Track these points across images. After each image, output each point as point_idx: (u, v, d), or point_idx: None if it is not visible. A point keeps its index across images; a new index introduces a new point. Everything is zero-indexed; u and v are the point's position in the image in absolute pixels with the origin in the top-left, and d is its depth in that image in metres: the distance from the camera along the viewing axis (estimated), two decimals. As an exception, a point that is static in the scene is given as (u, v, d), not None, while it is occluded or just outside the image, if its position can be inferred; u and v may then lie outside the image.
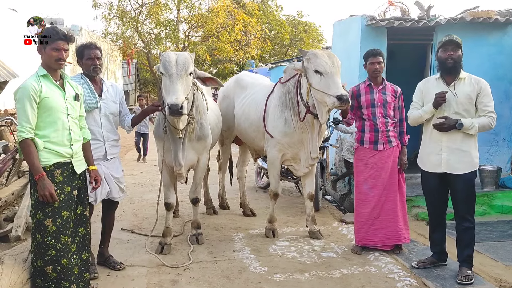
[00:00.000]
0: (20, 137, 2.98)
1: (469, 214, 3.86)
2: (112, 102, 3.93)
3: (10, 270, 3.14)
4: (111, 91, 3.96)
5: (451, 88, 3.83)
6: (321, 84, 4.10)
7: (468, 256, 3.86)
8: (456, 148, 3.80)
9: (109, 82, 4.05)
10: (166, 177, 4.47)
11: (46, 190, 2.96)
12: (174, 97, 3.69)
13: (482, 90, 3.78)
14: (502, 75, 6.60)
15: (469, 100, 3.78)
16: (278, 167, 4.90)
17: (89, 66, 3.76)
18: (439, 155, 3.87)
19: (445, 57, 3.80)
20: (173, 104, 3.65)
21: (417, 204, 5.97)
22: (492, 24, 6.35)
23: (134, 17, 22.31)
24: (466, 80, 3.82)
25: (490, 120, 3.75)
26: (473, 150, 3.84)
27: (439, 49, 3.87)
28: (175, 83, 3.78)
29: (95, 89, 3.79)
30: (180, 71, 3.82)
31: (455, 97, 3.79)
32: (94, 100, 3.73)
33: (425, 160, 4.03)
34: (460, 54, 3.81)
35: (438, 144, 3.88)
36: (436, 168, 3.91)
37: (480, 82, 3.81)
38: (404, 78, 6.07)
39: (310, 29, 28.63)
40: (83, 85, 3.69)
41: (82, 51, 3.78)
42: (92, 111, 3.74)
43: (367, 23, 6.24)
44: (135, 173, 8.67)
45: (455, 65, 3.79)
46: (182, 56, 3.92)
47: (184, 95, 3.78)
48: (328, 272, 4.05)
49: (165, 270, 4.03)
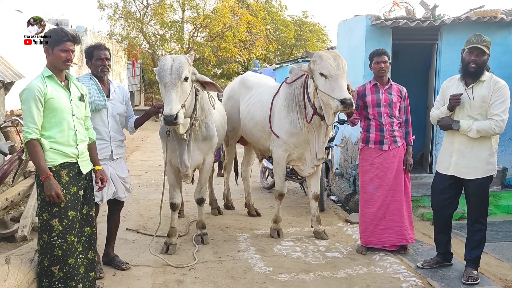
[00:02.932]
0: (26, 138, 2.99)
1: (481, 217, 3.82)
2: (119, 103, 3.96)
3: (16, 269, 3.16)
4: (118, 92, 3.99)
5: (469, 90, 3.72)
6: (326, 86, 4.09)
7: (476, 257, 3.84)
8: (467, 152, 3.72)
9: (116, 83, 4.07)
10: (172, 178, 4.48)
11: (53, 191, 2.98)
12: (168, 108, 3.67)
13: (495, 90, 3.62)
14: (507, 74, 6.55)
15: (484, 104, 3.65)
16: (283, 167, 4.90)
17: (98, 66, 3.80)
18: (450, 157, 3.84)
19: (468, 61, 3.67)
20: (167, 115, 3.65)
21: (422, 205, 5.96)
22: (497, 24, 6.32)
23: (139, 18, 22.37)
24: (486, 83, 3.68)
25: (493, 124, 3.59)
26: (487, 155, 3.71)
27: (464, 49, 3.73)
28: (169, 92, 3.75)
29: (103, 90, 3.82)
30: (174, 79, 3.77)
31: (470, 100, 3.69)
32: (102, 100, 3.76)
33: (439, 160, 4.02)
34: (486, 58, 3.66)
35: (450, 146, 3.84)
36: (445, 170, 3.89)
37: (498, 83, 3.66)
38: (409, 78, 6.07)
39: (315, 29, 28.57)
40: (91, 85, 3.73)
41: (91, 52, 3.80)
42: (100, 112, 3.77)
43: (372, 23, 6.23)
44: (141, 173, 8.69)
45: (477, 70, 3.67)
46: (177, 62, 3.84)
47: (179, 103, 3.74)
48: (333, 272, 4.05)
49: (171, 270, 4.05)
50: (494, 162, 3.76)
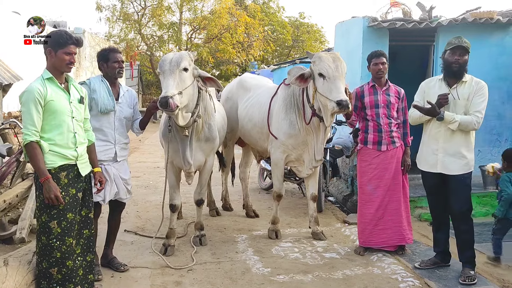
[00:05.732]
0: (26, 140, 3.00)
1: (465, 215, 3.87)
2: (127, 107, 4.00)
3: (15, 272, 3.16)
4: (127, 96, 4.04)
5: (453, 90, 3.85)
6: (324, 87, 4.10)
7: (469, 257, 3.87)
8: (452, 149, 3.84)
9: (125, 87, 4.12)
10: (172, 179, 4.49)
11: (52, 193, 2.99)
12: (164, 91, 3.72)
13: (477, 90, 3.80)
14: (504, 75, 6.60)
15: (468, 102, 3.81)
16: (282, 168, 4.91)
17: (115, 69, 3.86)
18: (435, 155, 3.91)
19: (451, 61, 3.81)
20: (162, 96, 3.67)
21: (420, 205, 5.97)
22: (494, 25, 6.35)
23: (137, 20, 22.40)
24: (468, 83, 3.85)
25: (474, 119, 3.74)
26: (469, 152, 3.86)
27: (446, 50, 3.87)
28: (167, 78, 3.81)
29: (113, 93, 3.87)
30: (173, 66, 3.83)
31: (454, 99, 3.82)
32: (112, 103, 3.81)
33: (422, 159, 4.06)
34: (467, 58, 3.83)
35: (435, 144, 3.91)
36: (432, 168, 3.96)
37: (479, 84, 3.84)
38: (406, 79, 6.08)
39: (312, 31, 28.65)
40: (102, 88, 3.79)
41: (107, 55, 3.87)
42: (108, 114, 3.81)
43: (369, 25, 6.26)
44: (139, 175, 8.69)
45: (460, 69, 3.82)
46: (177, 54, 3.96)
47: (176, 89, 3.76)
48: (331, 273, 4.06)
49: (169, 272, 4.05)
50: (473, 159, 3.92)
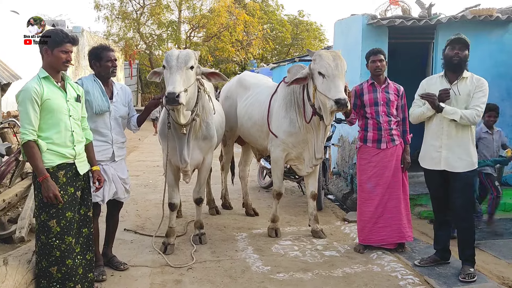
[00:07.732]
0: (23, 140, 2.99)
1: (467, 213, 3.87)
2: (121, 105, 3.97)
3: (14, 271, 3.16)
4: (121, 94, 4.00)
5: (454, 86, 3.86)
6: (323, 86, 4.10)
7: (469, 255, 3.87)
8: (456, 146, 3.84)
9: (119, 84, 4.09)
10: (171, 177, 4.49)
11: (51, 192, 2.99)
12: (171, 87, 3.71)
13: (478, 86, 3.83)
14: (503, 73, 6.59)
15: (469, 98, 3.82)
16: (281, 166, 4.91)
17: (108, 67, 3.81)
18: (439, 152, 3.91)
19: (451, 55, 3.84)
20: (170, 92, 3.66)
21: (420, 203, 5.97)
22: (493, 22, 6.34)
23: (136, 18, 22.35)
24: (468, 80, 3.86)
25: (474, 112, 3.76)
26: (472, 149, 3.87)
27: (446, 46, 3.91)
28: (174, 74, 3.80)
29: (106, 92, 3.83)
30: (180, 63, 3.83)
31: (456, 95, 3.82)
32: (106, 104, 3.77)
33: (425, 157, 4.05)
34: (467, 53, 3.85)
35: (438, 141, 3.91)
36: (435, 165, 3.94)
37: (480, 80, 3.86)
38: (406, 77, 6.07)
39: (311, 29, 28.58)
40: (95, 88, 3.74)
41: (99, 53, 3.81)
42: (102, 114, 3.78)
43: (368, 22, 6.25)
44: (138, 174, 8.68)
45: (460, 62, 3.83)
46: (184, 52, 3.96)
47: (182, 86, 3.77)
48: (331, 271, 4.06)
49: (169, 270, 4.05)
50: (476, 156, 3.93)
